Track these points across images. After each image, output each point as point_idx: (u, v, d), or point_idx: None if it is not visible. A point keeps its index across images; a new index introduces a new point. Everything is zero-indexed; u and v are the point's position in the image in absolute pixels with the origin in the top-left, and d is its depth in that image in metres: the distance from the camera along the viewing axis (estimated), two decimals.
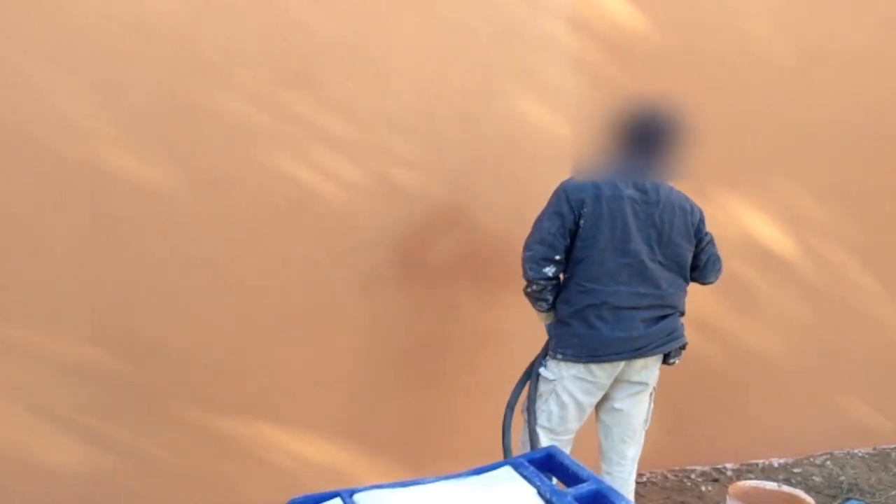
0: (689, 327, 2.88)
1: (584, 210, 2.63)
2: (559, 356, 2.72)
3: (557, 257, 2.67)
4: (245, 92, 2.86)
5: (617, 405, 2.82)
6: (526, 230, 2.77)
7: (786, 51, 3.79)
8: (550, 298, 2.74)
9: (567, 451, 2.80)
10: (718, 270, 2.92)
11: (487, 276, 3.36)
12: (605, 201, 2.64)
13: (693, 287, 2.90)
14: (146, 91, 2.74)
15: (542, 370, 2.79)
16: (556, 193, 2.72)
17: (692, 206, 2.79)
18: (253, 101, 2.87)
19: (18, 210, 2.64)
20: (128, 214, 2.77)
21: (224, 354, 2.97)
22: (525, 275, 2.71)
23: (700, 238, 2.81)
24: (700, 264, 2.85)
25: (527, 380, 2.84)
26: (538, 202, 2.92)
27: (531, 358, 2.90)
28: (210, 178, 2.87)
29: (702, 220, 2.82)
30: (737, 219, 3.79)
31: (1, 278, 2.64)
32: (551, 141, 3.36)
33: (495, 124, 3.27)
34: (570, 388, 2.72)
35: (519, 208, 3.31)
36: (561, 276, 2.74)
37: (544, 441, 2.74)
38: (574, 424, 2.79)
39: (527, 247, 2.72)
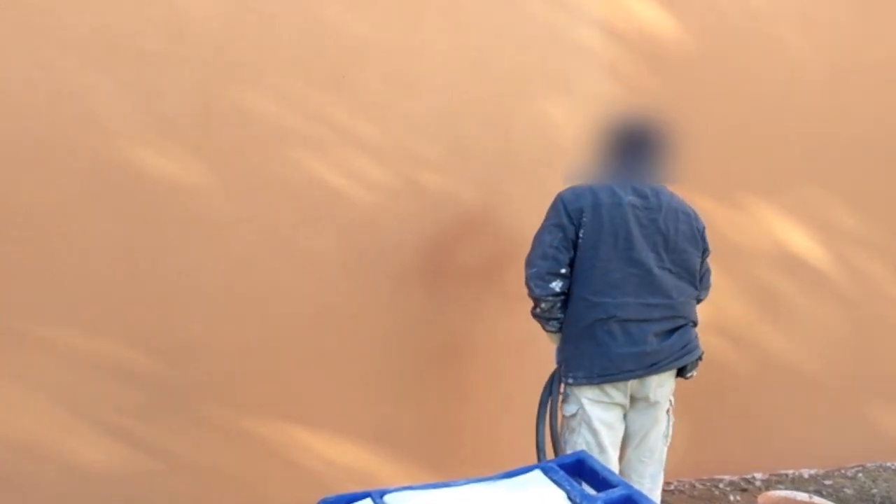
0: (721, 336, 2.85)
1: (584, 219, 2.56)
2: (570, 381, 2.63)
3: (563, 270, 2.59)
4: (277, 95, 2.89)
5: (631, 425, 2.72)
6: None
7: (819, 58, 3.76)
8: (561, 316, 2.65)
9: None
10: (708, 288, 2.83)
11: (513, 280, 3.34)
12: (605, 209, 2.57)
13: (726, 295, 2.85)
14: (180, 93, 2.78)
15: (564, 409, 2.70)
16: (553, 206, 2.66)
17: (695, 212, 2.72)
18: (285, 104, 2.91)
19: (55, 211, 2.69)
20: (161, 215, 2.81)
21: (253, 355, 2.99)
22: (531, 293, 2.63)
23: (704, 248, 2.74)
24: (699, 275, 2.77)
25: (544, 412, 2.74)
26: None
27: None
28: (242, 179, 2.90)
29: (705, 230, 2.74)
30: (768, 228, 3.75)
31: (37, 278, 2.69)
32: (581, 147, 3.35)
33: (524, 129, 3.27)
34: (592, 411, 2.62)
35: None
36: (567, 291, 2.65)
37: None
38: (612, 448, 2.66)
39: (529, 263, 2.64)
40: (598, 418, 2.63)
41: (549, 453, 2.75)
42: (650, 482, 2.79)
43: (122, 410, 2.85)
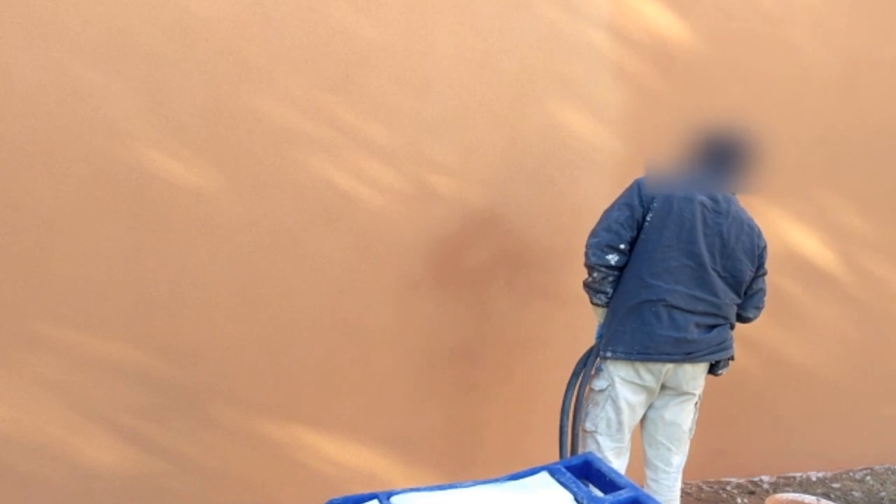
0: None
1: (654, 205, 2.67)
2: (609, 354, 2.71)
3: (622, 246, 2.69)
4: (286, 97, 2.90)
5: (663, 414, 2.80)
6: (563, 237, 2.77)
7: (829, 60, 3.75)
8: (610, 291, 2.75)
9: (625, 459, 2.80)
10: (760, 309, 2.89)
11: (523, 282, 3.36)
12: (676, 200, 2.68)
13: None
14: (187, 95, 2.79)
15: (594, 382, 2.79)
16: (629, 187, 2.76)
17: (760, 231, 2.80)
18: (294, 106, 2.91)
19: (63, 210, 2.69)
20: (169, 216, 2.82)
21: (262, 357, 3.00)
22: (587, 261, 2.73)
23: (760, 265, 2.81)
24: (750, 293, 2.82)
25: (576, 381, 2.82)
26: (575, 209, 2.92)
27: (566, 365, 2.89)
28: (250, 181, 2.90)
29: (765, 249, 2.82)
30: (779, 230, 3.74)
31: (45, 277, 2.70)
32: (590, 149, 3.35)
33: (534, 131, 3.27)
34: (621, 391, 2.72)
35: (556, 216, 3.32)
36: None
37: (606, 449, 2.74)
38: (629, 428, 2.78)
39: (592, 233, 2.75)
40: (625, 398, 2.73)
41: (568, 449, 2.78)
42: (676, 471, 2.88)
43: (130, 411, 2.86)
